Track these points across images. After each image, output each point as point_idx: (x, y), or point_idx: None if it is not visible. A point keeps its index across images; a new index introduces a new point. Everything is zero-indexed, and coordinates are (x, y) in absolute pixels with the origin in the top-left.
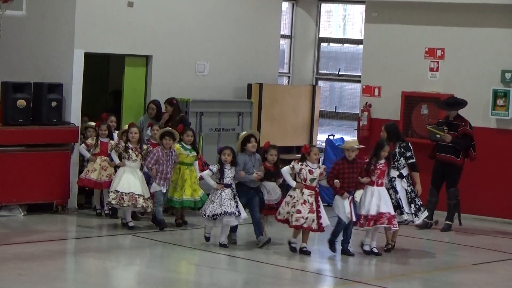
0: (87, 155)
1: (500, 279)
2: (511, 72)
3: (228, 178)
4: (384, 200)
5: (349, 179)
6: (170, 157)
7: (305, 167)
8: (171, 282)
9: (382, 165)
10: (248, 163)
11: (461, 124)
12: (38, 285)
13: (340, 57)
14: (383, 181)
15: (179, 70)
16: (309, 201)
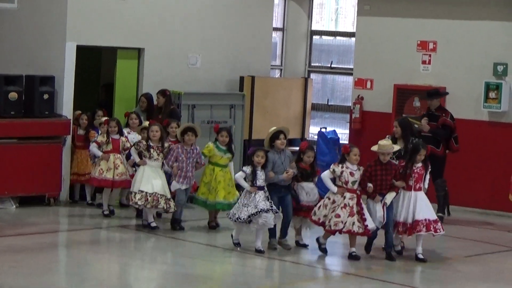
0: (99, 154)
1: (493, 271)
2: (503, 65)
3: (261, 180)
4: (421, 205)
5: (381, 182)
6: (191, 154)
7: (345, 169)
8: (165, 274)
9: (419, 169)
10: (277, 161)
11: (442, 115)
12: (30, 278)
13: (332, 50)
14: (421, 186)
15: (171, 62)
16: (349, 205)
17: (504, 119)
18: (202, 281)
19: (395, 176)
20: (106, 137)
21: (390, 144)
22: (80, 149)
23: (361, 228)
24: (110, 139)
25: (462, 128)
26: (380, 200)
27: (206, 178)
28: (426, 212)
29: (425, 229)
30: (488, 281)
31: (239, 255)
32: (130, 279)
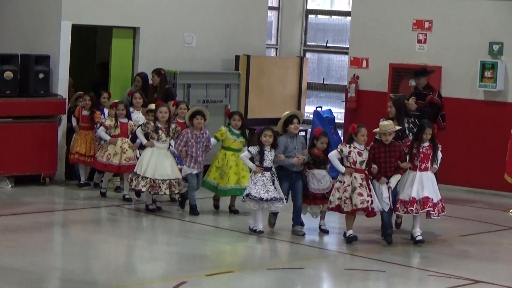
0: (107, 138)
1: (488, 250)
2: (498, 44)
3: (268, 161)
4: (427, 185)
5: (386, 164)
6: (201, 139)
7: (353, 149)
8: (160, 253)
9: (426, 149)
10: (289, 145)
11: (429, 93)
12: (26, 257)
13: (327, 29)
14: (427, 166)
15: (167, 42)
16: (364, 185)
17: (499, 98)
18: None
19: (400, 158)
20: (114, 120)
21: (391, 124)
22: (85, 129)
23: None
24: (118, 123)
25: (458, 107)
26: (386, 182)
27: (218, 163)
28: (432, 192)
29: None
30: (483, 260)
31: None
32: (127, 258)
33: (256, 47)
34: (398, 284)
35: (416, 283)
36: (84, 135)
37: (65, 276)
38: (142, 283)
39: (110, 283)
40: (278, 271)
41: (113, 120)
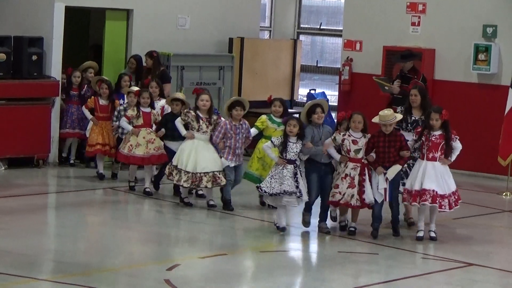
0: (129, 128)
1: (481, 233)
2: (492, 27)
3: (292, 153)
4: (430, 176)
5: (384, 154)
6: (240, 130)
7: (348, 137)
8: (153, 236)
9: (436, 137)
10: (315, 136)
11: (414, 77)
12: (19, 239)
13: (321, 11)
14: (435, 155)
15: (160, 24)
16: (351, 175)
17: (493, 81)
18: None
19: (401, 148)
20: (136, 110)
21: (392, 114)
22: (104, 120)
23: (359, 201)
24: (140, 112)
25: (451, 90)
26: (383, 173)
27: (260, 153)
28: (436, 184)
29: (431, 200)
30: (477, 243)
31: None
32: (120, 240)
33: (250, 29)
34: (391, 267)
35: (410, 266)
36: (104, 125)
37: (58, 258)
38: (136, 265)
39: (104, 265)
40: (271, 253)
41: (135, 110)
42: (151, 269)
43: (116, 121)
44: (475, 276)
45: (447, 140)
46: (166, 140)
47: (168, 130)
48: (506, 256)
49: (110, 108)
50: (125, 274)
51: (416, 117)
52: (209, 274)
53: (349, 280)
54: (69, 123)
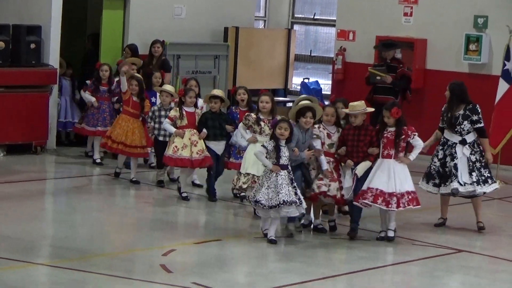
0: (172, 131)
1: (470, 219)
2: (483, 18)
3: (284, 158)
4: (384, 174)
5: (352, 148)
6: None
7: (323, 130)
8: (150, 222)
9: (391, 134)
10: (300, 140)
11: (399, 66)
12: (17, 225)
13: (315, 1)
14: (390, 153)
15: (157, 13)
16: (330, 168)
17: (484, 71)
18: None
19: (372, 143)
20: (178, 111)
21: (361, 104)
22: (133, 117)
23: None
24: (184, 112)
25: (443, 80)
26: (351, 167)
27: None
28: (383, 182)
29: (372, 199)
30: (466, 230)
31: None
32: (117, 226)
33: (245, 19)
34: (382, 253)
35: (400, 252)
36: (131, 122)
37: (55, 244)
38: (133, 250)
39: (100, 250)
40: (265, 239)
41: (177, 110)
42: (147, 254)
43: (151, 122)
44: (466, 262)
45: (397, 137)
46: (207, 140)
47: (209, 130)
48: (496, 242)
49: (139, 106)
50: (121, 259)
51: (456, 114)
52: (203, 259)
53: (342, 266)
54: (100, 121)
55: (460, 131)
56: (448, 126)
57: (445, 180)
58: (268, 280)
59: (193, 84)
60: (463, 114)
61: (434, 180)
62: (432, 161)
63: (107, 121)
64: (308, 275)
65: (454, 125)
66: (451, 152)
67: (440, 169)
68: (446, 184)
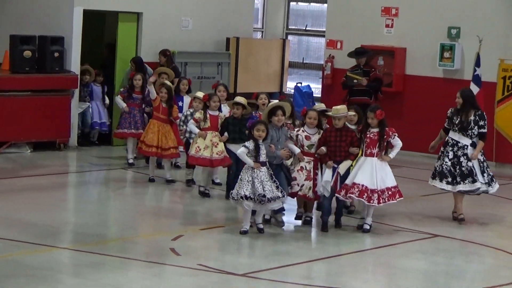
0: (196, 131)
1: (446, 208)
2: (456, 29)
3: (263, 156)
4: (367, 171)
5: (335, 148)
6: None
7: (301, 132)
8: (161, 211)
9: (374, 134)
10: (274, 137)
11: (371, 70)
12: (43, 213)
13: (307, 14)
14: (372, 152)
15: (166, 25)
16: (306, 168)
17: (456, 76)
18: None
19: (352, 143)
20: (203, 113)
21: (344, 108)
22: (163, 122)
23: (313, 193)
24: (208, 115)
25: (420, 84)
26: (332, 167)
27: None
28: (367, 178)
29: (358, 194)
30: (441, 217)
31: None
32: (132, 214)
33: (245, 30)
34: (367, 237)
35: (383, 237)
36: (161, 127)
37: (77, 230)
38: (145, 236)
39: (117, 235)
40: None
41: (202, 113)
42: (158, 239)
43: (183, 126)
44: (440, 246)
45: (381, 138)
46: (227, 143)
47: (230, 133)
48: (467, 228)
49: (168, 111)
50: (135, 243)
51: (468, 119)
52: (208, 243)
53: (332, 248)
54: (132, 124)
55: (470, 134)
56: (461, 129)
57: (462, 179)
58: (267, 261)
59: (222, 89)
60: (474, 120)
61: (447, 178)
62: (443, 161)
63: (138, 125)
64: (302, 257)
65: (467, 129)
66: (463, 153)
67: (452, 168)
68: (464, 182)
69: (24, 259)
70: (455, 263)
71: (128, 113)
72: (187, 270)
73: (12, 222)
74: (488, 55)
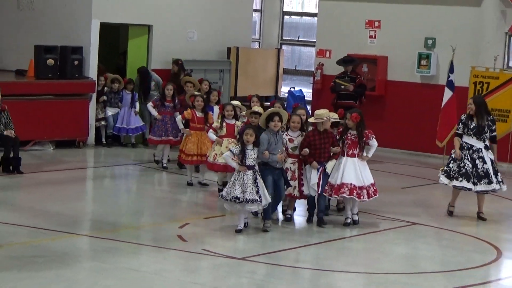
0: (214, 138)
1: (423, 199)
2: (432, 39)
3: (250, 160)
4: (350, 171)
5: (320, 150)
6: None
7: (285, 136)
8: (170, 201)
9: (354, 136)
10: (271, 142)
11: (357, 77)
12: (64, 203)
13: (299, 27)
14: (354, 152)
15: (174, 36)
16: (291, 169)
17: (432, 81)
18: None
19: (333, 144)
20: (219, 122)
21: (326, 112)
22: (200, 130)
23: (298, 192)
24: (224, 123)
25: (400, 88)
26: (317, 168)
27: None
28: (353, 177)
29: (348, 192)
30: (419, 207)
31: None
32: (144, 205)
33: (244, 40)
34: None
35: (367, 225)
36: (199, 136)
37: (94, 218)
38: (155, 224)
39: (130, 223)
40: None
41: (218, 122)
42: (167, 227)
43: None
44: (418, 233)
45: (359, 139)
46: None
47: None
48: (441, 217)
49: (204, 119)
50: (146, 231)
51: (482, 124)
52: (211, 230)
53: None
54: (163, 131)
55: (484, 138)
56: (476, 133)
57: (479, 180)
58: (264, 247)
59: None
60: (487, 124)
61: (472, 179)
62: (465, 163)
63: (169, 132)
64: (296, 243)
65: (482, 133)
66: (479, 156)
67: (473, 170)
68: (480, 183)
69: (48, 244)
70: (431, 248)
71: (160, 120)
72: (193, 254)
73: (37, 212)
74: (461, 63)
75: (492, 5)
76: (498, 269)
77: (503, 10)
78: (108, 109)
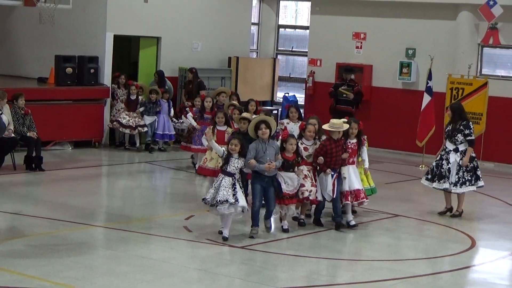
0: (206, 144)
1: (405, 193)
2: (412, 49)
3: (232, 167)
4: (354, 177)
5: (336, 158)
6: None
7: (300, 144)
8: (177, 196)
9: (353, 145)
10: (259, 151)
11: (355, 85)
12: (81, 198)
13: (293, 38)
14: (354, 160)
15: (180, 47)
16: (309, 176)
17: (413, 87)
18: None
19: (344, 151)
20: (212, 128)
21: (341, 122)
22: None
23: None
24: (215, 130)
25: (384, 94)
26: (330, 174)
27: None
28: (359, 183)
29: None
30: (402, 200)
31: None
32: (154, 199)
33: (243, 51)
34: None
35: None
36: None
37: (109, 211)
38: (163, 216)
39: (141, 216)
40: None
41: (210, 128)
42: (174, 218)
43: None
44: (400, 224)
45: (359, 147)
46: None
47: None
48: (422, 210)
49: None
50: (156, 222)
51: (449, 128)
52: (215, 221)
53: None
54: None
55: (454, 141)
56: (448, 136)
57: (439, 179)
58: (263, 237)
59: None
60: (458, 128)
61: (427, 175)
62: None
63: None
64: (291, 233)
65: (451, 137)
66: (447, 157)
67: (435, 169)
68: (440, 182)
69: (66, 235)
70: (412, 237)
71: (200, 130)
72: (198, 243)
73: (56, 205)
74: (438, 71)
75: (467, 19)
76: (472, 256)
77: (476, 24)
78: (146, 118)
